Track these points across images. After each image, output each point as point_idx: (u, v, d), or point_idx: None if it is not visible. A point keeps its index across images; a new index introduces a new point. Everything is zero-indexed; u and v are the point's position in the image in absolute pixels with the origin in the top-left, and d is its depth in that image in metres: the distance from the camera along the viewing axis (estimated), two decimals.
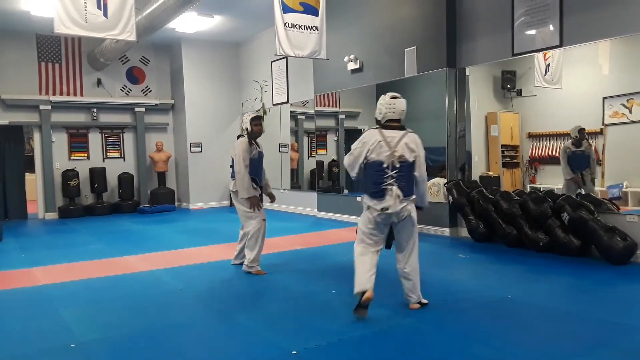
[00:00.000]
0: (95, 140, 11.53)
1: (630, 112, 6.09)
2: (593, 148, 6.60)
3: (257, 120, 5.19)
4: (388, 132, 3.76)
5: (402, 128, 3.81)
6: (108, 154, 11.69)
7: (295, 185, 11.04)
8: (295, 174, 11.11)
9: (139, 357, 3.14)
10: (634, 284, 4.54)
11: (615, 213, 5.56)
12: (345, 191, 9.47)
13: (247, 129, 5.16)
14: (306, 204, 10.28)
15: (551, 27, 5.88)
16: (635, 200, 6.03)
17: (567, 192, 6.33)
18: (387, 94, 3.88)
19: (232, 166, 5.21)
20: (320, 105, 9.73)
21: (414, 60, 7.44)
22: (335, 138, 10.14)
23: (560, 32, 5.81)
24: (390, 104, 3.81)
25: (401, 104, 3.83)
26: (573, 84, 6.89)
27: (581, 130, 6.54)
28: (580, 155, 6.54)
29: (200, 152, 12.00)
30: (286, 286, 4.73)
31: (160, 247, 6.95)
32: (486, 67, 7.21)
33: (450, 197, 6.89)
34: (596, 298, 4.18)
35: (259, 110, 5.13)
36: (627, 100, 6.10)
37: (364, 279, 3.64)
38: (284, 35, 6.92)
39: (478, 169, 7.59)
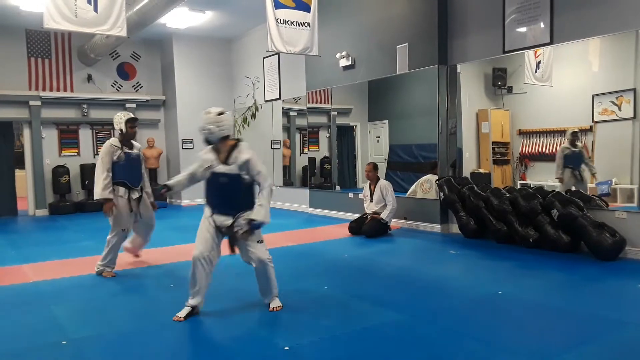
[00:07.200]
0: (85, 136, 11.46)
1: (620, 109, 6.13)
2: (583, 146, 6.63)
3: (132, 122, 5.20)
4: None
5: None
6: (99, 150, 11.54)
7: (288, 181, 11.03)
8: (287, 170, 11.10)
9: (131, 354, 3.14)
10: (623, 280, 4.59)
11: (605, 209, 5.62)
12: (338, 188, 9.49)
13: (121, 130, 5.16)
14: (298, 200, 10.29)
15: (542, 25, 5.92)
16: (624, 197, 6.08)
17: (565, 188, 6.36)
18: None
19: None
20: (313, 102, 9.72)
21: (406, 57, 7.46)
22: (328, 135, 10.15)
23: (550, 30, 5.85)
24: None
25: None
26: (563, 81, 6.93)
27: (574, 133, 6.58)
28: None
29: (192, 148, 11.95)
30: (278, 283, 4.72)
31: (151, 244, 6.90)
32: (477, 64, 7.24)
33: (441, 194, 6.93)
34: (585, 293, 4.23)
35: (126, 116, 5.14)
36: (617, 98, 6.15)
37: None
38: (275, 32, 6.90)
39: (469, 166, 7.63)
